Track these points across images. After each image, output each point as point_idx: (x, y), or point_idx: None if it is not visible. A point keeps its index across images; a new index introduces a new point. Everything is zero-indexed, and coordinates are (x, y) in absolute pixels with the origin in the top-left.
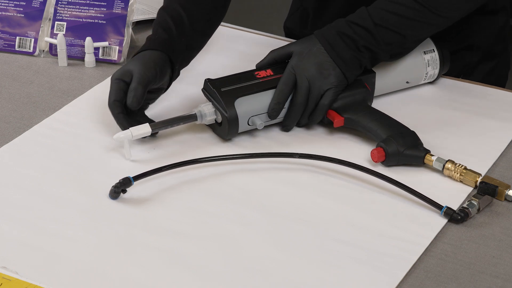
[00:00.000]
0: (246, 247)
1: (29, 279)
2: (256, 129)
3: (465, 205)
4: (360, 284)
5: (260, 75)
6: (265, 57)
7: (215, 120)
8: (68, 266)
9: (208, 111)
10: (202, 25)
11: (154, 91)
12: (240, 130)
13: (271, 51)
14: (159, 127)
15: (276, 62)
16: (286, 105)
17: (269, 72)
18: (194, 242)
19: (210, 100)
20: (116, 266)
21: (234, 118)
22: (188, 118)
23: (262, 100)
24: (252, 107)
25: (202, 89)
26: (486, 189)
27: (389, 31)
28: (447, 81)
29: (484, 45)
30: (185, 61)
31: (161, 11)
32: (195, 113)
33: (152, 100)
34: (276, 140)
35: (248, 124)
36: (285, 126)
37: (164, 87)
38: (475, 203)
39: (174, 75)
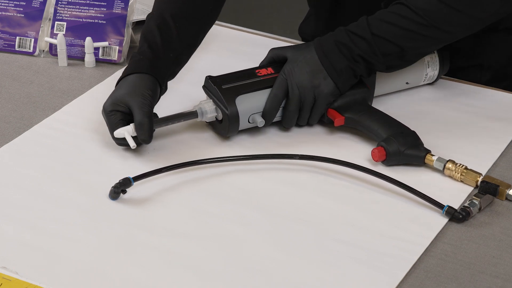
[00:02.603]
0: (246, 247)
1: (29, 279)
2: (256, 129)
3: (466, 204)
4: (360, 284)
5: (261, 73)
6: (266, 56)
7: (215, 117)
8: (68, 266)
9: (208, 108)
10: (190, 37)
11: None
12: (240, 127)
13: (271, 49)
14: (159, 124)
15: (275, 61)
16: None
17: (270, 70)
18: (194, 242)
19: (210, 97)
20: (116, 266)
21: (235, 115)
22: (189, 115)
23: (263, 98)
24: (253, 104)
25: (202, 86)
26: (487, 189)
27: (386, 42)
28: (447, 82)
29: (495, 65)
30: (172, 75)
31: (149, 20)
32: (196, 110)
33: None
34: (276, 141)
35: (249, 122)
36: (284, 127)
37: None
38: (476, 202)
39: (161, 92)
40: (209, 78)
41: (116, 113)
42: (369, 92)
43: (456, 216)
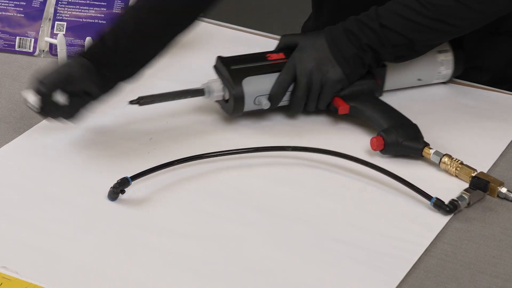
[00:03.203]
0: (246, 247)
1: (29, 279)
2: (260, 117)
3: (455, 198)
4: (360, 284)
5: (271, 57)
6: (278, 42)
7: (222, 97)
8: (68, 266)
9: (216, 87)
10: (150, 28)
11: (79, 94)
12: (245, 109)
13: (283, 36)
14: (166, 98)
15: (287, 47)
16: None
17: (281, 55)
18: (194, 242)
19: (220, 77)
20: (116, 266)
21: (240, 95)
22: (196, 92)
23: (270, 81)
24: (259, 86)
25: (213, 66)
26: (478, 184)
27: (394, 33)
28: (447, 83)
29: (494, 68)
30: (128, 66)
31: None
32: (203, 88)
33: (81, 105)
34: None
35: (255, 103)
36: (291, 113)
37: (91, 92)
38: (466, 197)
39: (104, 82)
40: (219, 58)
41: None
42: (377, 85)
43: (444, 208)
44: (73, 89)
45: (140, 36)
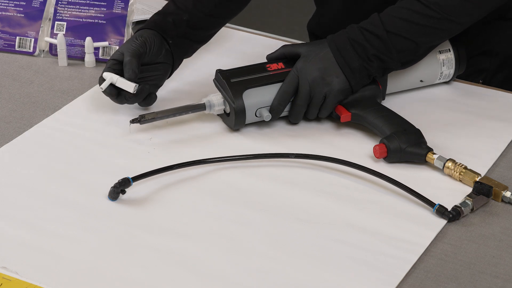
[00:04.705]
0: (246, 247)
1: (29, 279)
2: (263, 122)
3: (458, 204)
4: (360, 284)
5: (271, 67)
6: (276, 50)
7: (223, 110)
8: (68, 266)
9: (216, 101)
10: (211, 8)
11: (154, 67)
12: (247, 121)
13: (283, 46)
14: (167, 115)
15: (286, 57)
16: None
17: (280, 65)
18: (194, 242)
19: (220, 91)
20: (116, 266)
21: (241, 109)
22: (197, 107)
23: (270, 92)
24: (260, 98)
25: (213, 80)
26: (481, 189)
27: (401, 39)
28: (447, 82)
29: (504, 53)
30: (186, 38)
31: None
32: (204, 103)
33: (157, 76)
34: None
35: (256, 116)
36: (291, 122)
37: (166, 62)
38: (469, 203)
39: (173, 50)
40: (218, 72)
41: (114, 61)
42: (379, 90)
43: (447, 215)
44: (148, 59)
45: (200, 13)
